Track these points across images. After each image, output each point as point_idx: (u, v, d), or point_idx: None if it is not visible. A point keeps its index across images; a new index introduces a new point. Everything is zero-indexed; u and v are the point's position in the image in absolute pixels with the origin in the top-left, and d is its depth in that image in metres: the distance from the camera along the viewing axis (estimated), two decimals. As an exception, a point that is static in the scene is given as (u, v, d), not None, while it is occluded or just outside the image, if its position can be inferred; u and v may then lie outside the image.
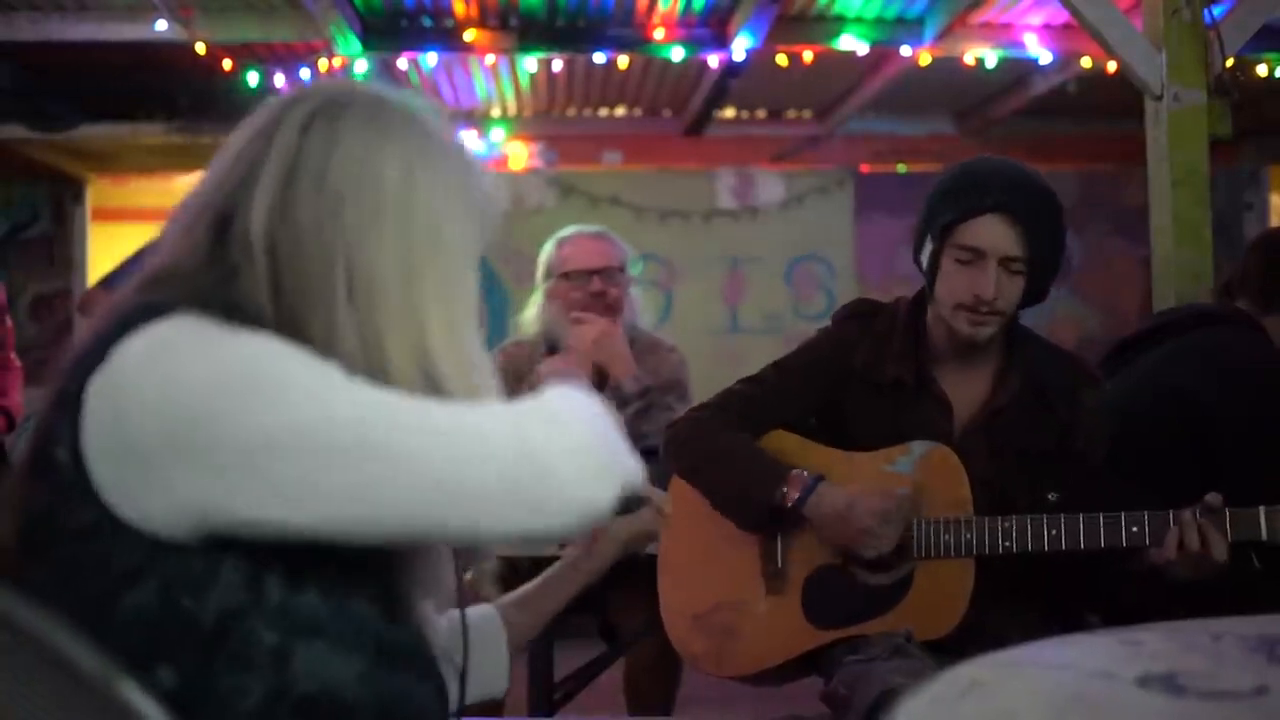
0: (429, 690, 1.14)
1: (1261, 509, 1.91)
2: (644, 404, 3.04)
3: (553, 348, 3.11)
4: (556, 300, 3.14)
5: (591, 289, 3.10)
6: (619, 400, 3.02)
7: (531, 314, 3.21)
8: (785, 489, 2.08)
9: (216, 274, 1.06)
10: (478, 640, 1.38)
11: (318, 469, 0.97)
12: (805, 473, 2.09)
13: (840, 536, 2.07)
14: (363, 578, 1.08)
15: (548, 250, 3.22)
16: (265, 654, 1.02)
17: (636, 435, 3.14)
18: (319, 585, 1.05)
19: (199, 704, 1.01)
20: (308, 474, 0.97)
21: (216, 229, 1.08)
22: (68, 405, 1.02)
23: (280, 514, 0.98)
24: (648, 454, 3.01)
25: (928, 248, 2.13)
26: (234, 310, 1.04)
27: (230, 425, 0.97)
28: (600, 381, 3.01)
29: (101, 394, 1.00)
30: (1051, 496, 2.07)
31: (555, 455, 1.01)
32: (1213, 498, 1.92)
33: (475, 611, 1.45)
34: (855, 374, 2.19)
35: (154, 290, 1.07)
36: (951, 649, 1.89)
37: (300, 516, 0.98)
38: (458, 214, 1.11)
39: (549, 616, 1.59)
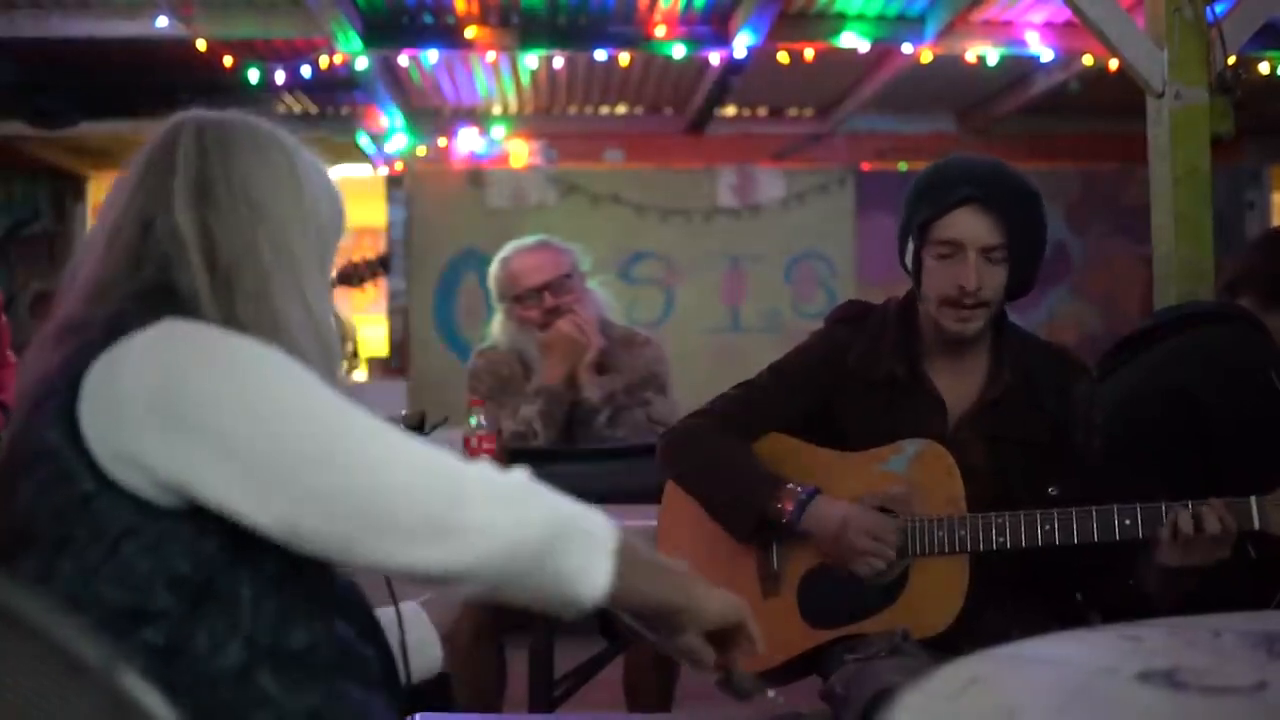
0: (377, 655, 1.29)
1: (1253, 498, 1.91)
2: (611, 409, 3.05)
3: (526, 364, 3.11)
4: (514, 322, 3.14)
5: (544, 307, 3.09)
6: (587, 413, 3.04)
7: (497, 330, 3.19)
8: (780, 503, 2.08)
9: (151, 266, 1.23)
10: (409, 619, 1.51)
11: (287, 466, 1.08)
12: (799, 487, 2.09)
13: (836, 556, 2.08)
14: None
15: (494, 272, 3.19)
16: (246, 615, 1.13)
17: (608, 440, 3.12)
18: (287, 555, 1.14)
19: (183, 663, 1.10)
20: (276, 470, 1.07)
21: (140, 231, 1.25)
22: (55, 396, 1.12)
23: (243, 504, 1.08)
24: (621, 453, 3.00)
25: (910, 248, 2.17)
26: (173, 289, 1.20)
27: (212, 405, 1.09)
28: (572, 386, 3.03)
29: (101, 375, 1.11)
30: (1052, 491, 2.08)
31: (476, 483, 1.12)
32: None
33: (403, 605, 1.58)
34: (849, 374, 2.20)
35: (104, 298, 1.21)
36: (948, 646, 1.89)
37: (259, 511, 1.08)
38: (324, 203, 1.34)
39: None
